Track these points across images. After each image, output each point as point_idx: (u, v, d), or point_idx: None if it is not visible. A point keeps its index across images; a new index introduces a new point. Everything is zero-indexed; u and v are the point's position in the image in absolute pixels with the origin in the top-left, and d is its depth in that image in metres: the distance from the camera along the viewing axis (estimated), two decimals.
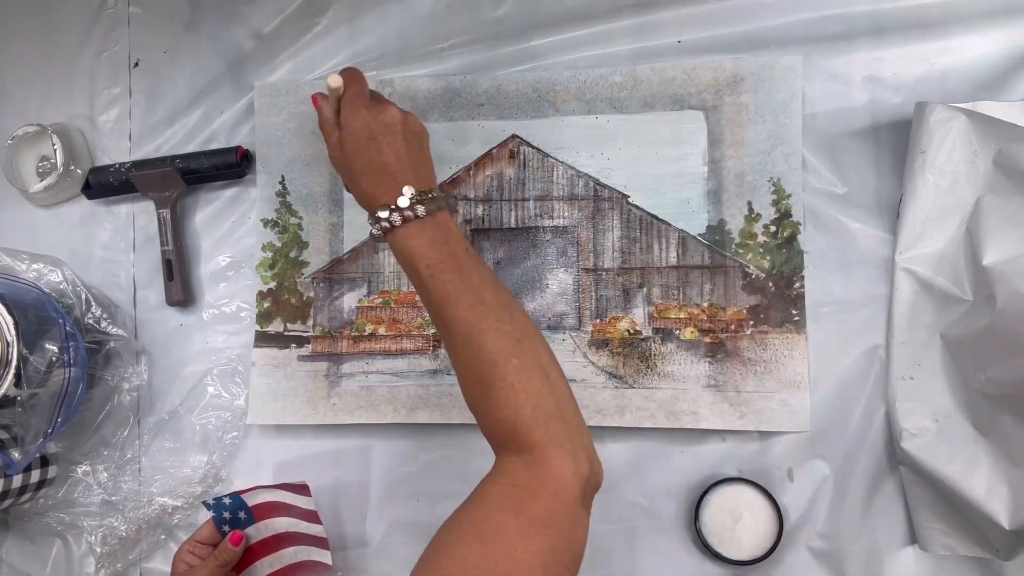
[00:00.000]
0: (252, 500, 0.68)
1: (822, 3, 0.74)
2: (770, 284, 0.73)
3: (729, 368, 0.72)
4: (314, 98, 0.64)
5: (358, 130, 0.59)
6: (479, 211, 0.78)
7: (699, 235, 0.74)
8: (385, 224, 0.57)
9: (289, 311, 0.79)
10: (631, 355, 0.74)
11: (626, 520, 0.74)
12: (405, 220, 0.56)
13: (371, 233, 0.58)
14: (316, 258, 0.80)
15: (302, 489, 0.74)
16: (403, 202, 0.56)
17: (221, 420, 0.80)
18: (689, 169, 0.75)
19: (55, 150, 0.81)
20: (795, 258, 0.72)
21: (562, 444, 0.50)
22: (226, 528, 0.65)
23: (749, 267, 0.73)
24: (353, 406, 0.77)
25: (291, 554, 0.68)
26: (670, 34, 0.76)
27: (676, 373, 0.73)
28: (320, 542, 0.72)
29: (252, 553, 0.67)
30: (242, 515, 0.67)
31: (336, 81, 0.60)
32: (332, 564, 0.72)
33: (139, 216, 0.84)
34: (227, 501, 0.67)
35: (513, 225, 0.77)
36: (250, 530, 0.67)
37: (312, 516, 0.73)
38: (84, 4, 0.86)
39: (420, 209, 0.56)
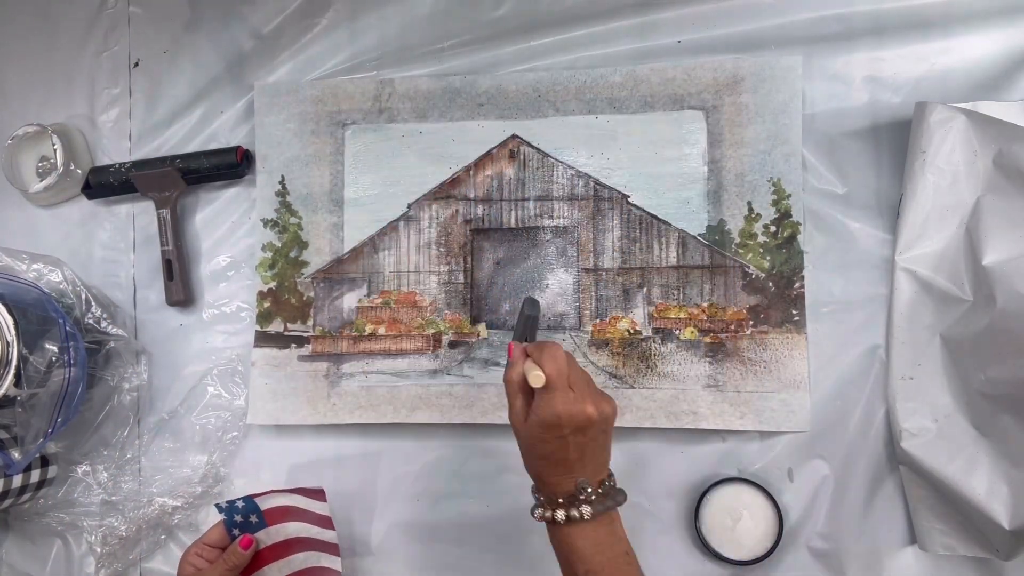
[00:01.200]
0: (265, 504, 0.67)
1: (822, 3, 0.74)
2: (770, 284, 0.73)
3: (729, 368, 0.72)
4: (510, 346, 0.60)
5: (548, 424, 0.55)
6: (479, 211, 0.78)
7: (699, 235, 0.74)
8: (549, 517, 0.56)
9: (289, 311, 0.79)
10: (631, 355, 0.74)
11: (626, 520, 0.74)
12: (570, 520, 0.55)
13: (532, 512, 0.57)
14: (316, 258, 0.80)
15: (318, 494, 0.73)
16: (571, 503, 0.55)
17: (221, 420, 0.80)
18: (689, 169, 0.75)
19: (55, 150, 0.81)
20: (795, 258, 0.72)
21: None
22: (236, 532, 0.65)
23: (749, 267, 0.73)
24: (353, 406, 0.77)
25: (301, 560, 0.68)
26: (670, 34, 0.76)
27: (676, 373, 0.73)
28: (331, 548, 0.71)
29: (261, 557, 0.65)
30: (254, 519, 0.66)
31: (539, 382, 0.55)
32: (340, 571, 0.71)
33: (139, 216, 0.84)
34: (240, 504, 0.66)
35: (513, 225, 0.77)
36: (260, 534, 0.65)
37: (326, 522, 0.72)
38: (84, 4, 0.86)
39: (587, 511, 0.54)
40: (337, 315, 0.79)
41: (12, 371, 0.68)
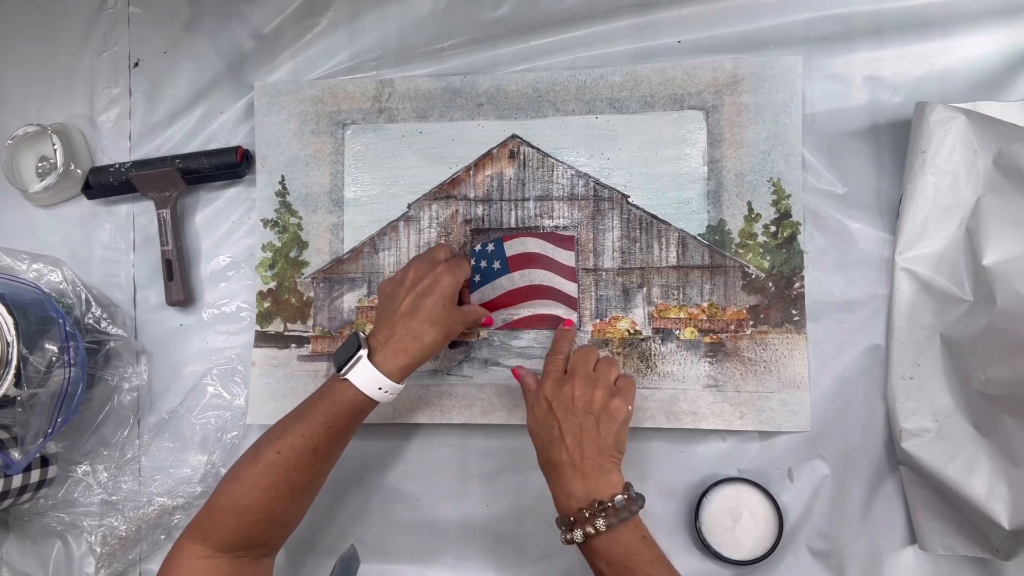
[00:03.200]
0: (512, 250, 0.73)
1: (822, 3, 0.74)
2: (770, 284, 0.73)
3: (729, 368, 0.72)
4: (515, 372, 0.71)
5: (540, 402, 0.64)
6: (479, 211, 0.78)
7: (699, 235, 0.74)
8: (570, 539, 0.58)
9: (289, 311, 0.79)
10: (631, 355, 0.74)
11: None
12: (587, 536, 0.57)
13: (562, 539, 0.60)
14: (316, 258, 0.80)
15: (567, 242, 0.75)
16: (584, 520, 0.58)
17: (221, 420, 0.80)
18: (689, 169, 0.75)
19: (55, 150, 0.81)
20: (795, 258, 0.72)
21: None
22: (477, 278, 0.73)
23: (749, 267, 0.73)
24: None
25: (537, 305, 0.74)
26: (670, 34, 0.76)
27: (676, 373, 0.73)
28: (570, 301, 0.74)
29: (503, 300, 0.74)
30: (497, 265, 0.72)
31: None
32: (576, 323, 0.74)
33: (139, 216, 0.84)
34: (490, 248, 0.72)
35: (513, 225, 0.77)
36: (503, 279, 0.73)
37: (570, 273, 0.75)
38: (84, 4, 0.86)
39: (601, 525, 0.57)
40: (337, 315, 0.79)
41: (12, 371, 0.68)
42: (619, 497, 0.58)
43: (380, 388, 0.62)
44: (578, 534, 0.57)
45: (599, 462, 0.60)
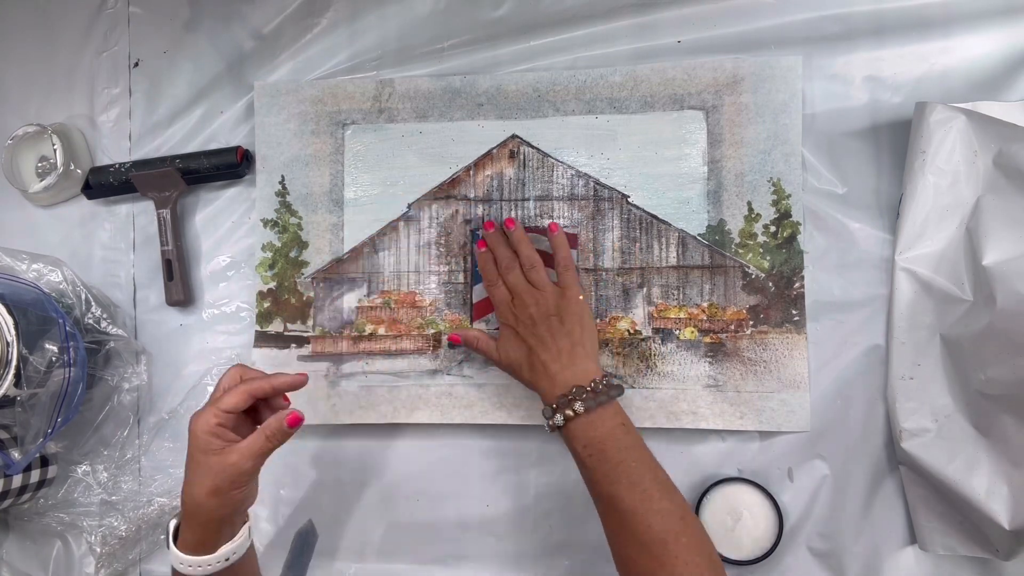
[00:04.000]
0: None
1: (822, 3, 0.74)
2: (770, 284, 0.73)
3: (729, 368, 0.72)
4: (452, 337, 0.73)
5: (504, 332, 0.69)
6: (479, 211, 0.78)
7: (699, 235, 0.74)
8: (552, 424, 0.62)
9: (289, 311, 0.79)
10: (631, 355, 0.74)
11: None
12: (567, 419, 0.61)
13: (546, 425, 0.63)
14: (316, 258, 0.80)
15: (570, 240, 0.75)
16: (564, 404, 0.61)
17: None
18: (689, 169, 0.75)
19: (55, 150, 0.81)
20: (795, 258, 0.72)
21: None
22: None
23: (749, 267, 0.73)
24: (353, 406, 0.77)
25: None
26: (670, 34, 0.76)
27: (676, 373, 0.73)
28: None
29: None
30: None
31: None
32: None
33: (139, 216, 0.84)
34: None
35: None
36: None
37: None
38: (84, 4, 0.86)
39: (579, 407, 0.60)
40: (337, 315, 0.79)
41: (12, 371, 0.68)
42: (594, 381, 0.61)
43: (184, 564, 0.57)
44: (558, 418, 0.61)
45: (572, 354, 0.64)
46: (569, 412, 0.60)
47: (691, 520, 0.57)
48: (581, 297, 0.67)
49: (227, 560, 0.58)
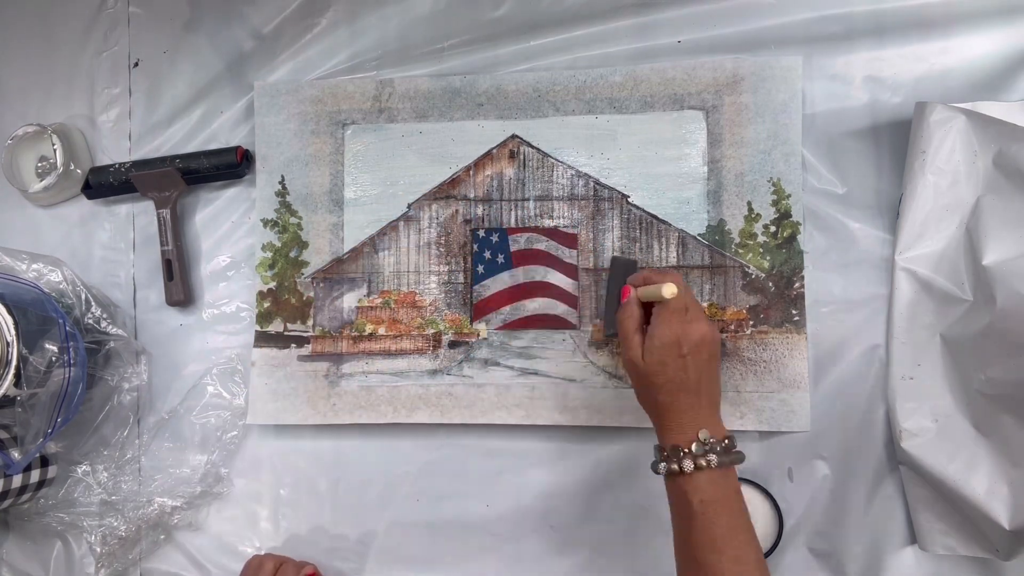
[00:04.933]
0: (515, 245, 0.75)
1: (822, 3, 0.74)
2: (770, 284, 0.73)
3: (729, 368, 0.72)
4: (625, 289, 0.63)
5: (668, 344, 0.57)
6: (479, 211, 0.78)
7: (699, 235, 0.74)
8: (675, 468, 0.56)
9: (289, 311, 0.79)
10: None
11: (626, 520, 0.74)
12: (697, 468, 0.56)
13: (653, 467, 0.58)
14: (316, 258, 0.80)
15: (571, 240, 0.75)
16: (698, 454, 0.56)
17: (221, 420, 0.80)
18: (689, 169, 0.75)
19: (55, 150, 0.81)
20: (795, 258, 0.72)
21: None
22: (481, 269, 0.75)
23: (749, 267, 0.73)
24: (353, 406, 0.77)
25: (537, 304, 0.74)
26: (670, 34, 0.76)
27: None
28: (571, 300, 0.74)
29: (504, 296, 0.75)
30: (501, 259, 0.72)
31: (671, 291, 0.58)
32: (575, 324, 0.74)
33: (139, 216, 0.84)
34: (494, 239, 0.73)
35: (513, 225, 0.77)
36: (505, 275, 0.75)
37: (571, 271, 0.75)
38: (84, 4, 0.86)
39: (713, 460, 0.55)
40: (337, 315, 0.79)
41: (12, 371, 0.68)
42: (728, 439, 0.57)
43: None
44: (688, 464, 0.55)
45: (714, 406, 0.59)
46: (702, 463, 0.55)
47: None
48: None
49: None
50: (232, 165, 0.80)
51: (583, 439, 0.75)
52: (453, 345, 0.77)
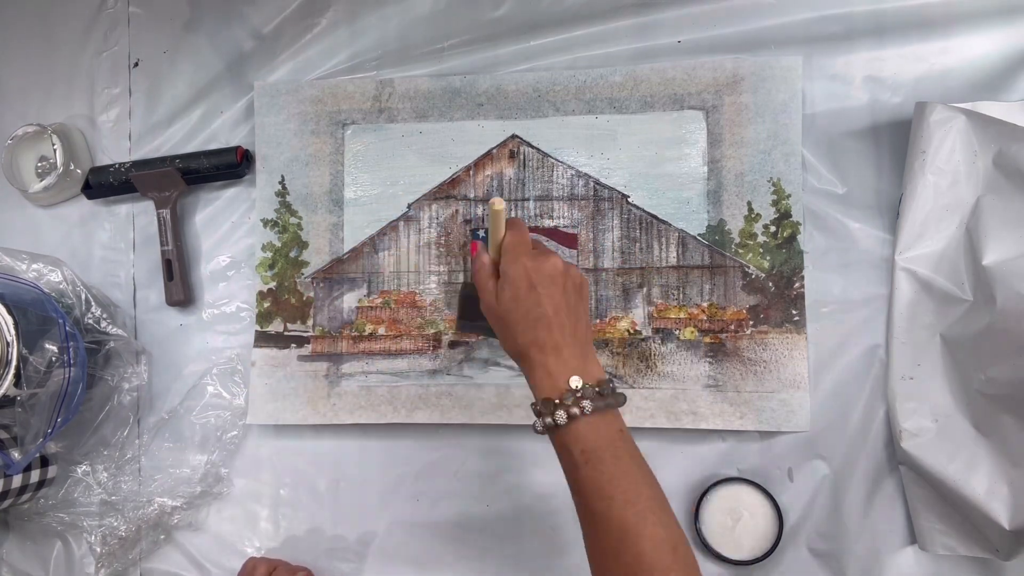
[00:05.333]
0: None
1: (822, 3, 0.74)
2: (770, 284, 0.73)
3: (729, 368, 0.72)
4: (473, 245, 0.62)
5: (518, 278, 0.55)
6: (479, 211, 0.78)
7: (699, 235, 0.74)
8: (549, 422, 0.53)
9: (289, 311, 0.79)
10: (631, 355, 0.74)
11: None
12: (571, 418, 0.52)
13: (533, 427, 0.55)
14: (316, 258, 0.80)
15: (571, 239, 0.74)
16: (570, 403, 0.53)
17: (221, 420, 0.80)
18: (689, 169, 0.75)
19: (55, 150, 0.81)
20: (795, 258, 0.72)
21: None
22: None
23: (749, 267, 0.73)
24: (353, 406, 0.77)
25: None
26: (670, 34, 0.76)
27: (676, 373, 0.73)
28: None
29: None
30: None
31: (500, 203, 0.56)
32: None
33: (139, 216, 0.84)
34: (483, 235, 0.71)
35: None
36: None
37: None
38: (84, 4, 0.86)
39: (587, 405, 0.52)
40: (337, 315, 0.79)
41: (12, 371, 0.68)
42: (601, 381, 0.54)
43: None
44: (561, 415, 0.52)
45: (585, 344, 0.56)
46: (575, 411, 0.52)
47: (683, 552, 0.51)
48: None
49: None
50: (232, 165, 0.80)
51: None
52: (453, 345, 0.77)
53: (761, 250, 0.73)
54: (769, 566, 0.71)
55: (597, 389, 0.53)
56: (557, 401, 0.53)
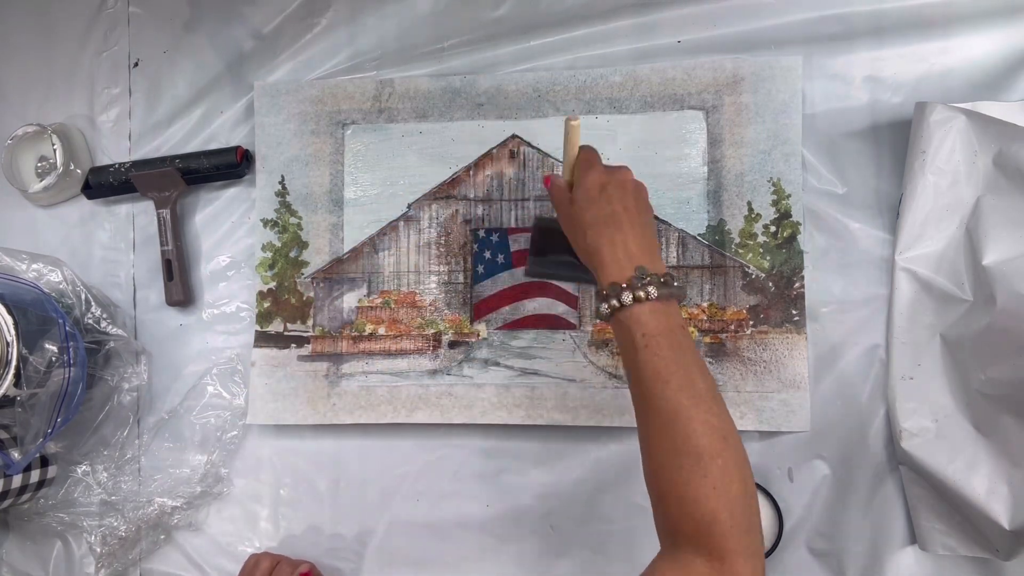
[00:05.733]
0: (516, 245, 0.75)
1: (822, 3, 0.74)
2: (770, 284, 0.73)
3: (729, 368, 0.72)
4: (546, 179, 0.66)
5: (592, 185, 0.60)
6: (479, 211, 0.78)
7: (699, 235, 0.74)
8: (615, 303, 0.55)
9: (289, 311, 0.79)
10: None
11: (626, 520, 0.74)
12: (636, 301, 0.55)
13: (597, 310, 0.57)
14: (316, 258, 0.80)
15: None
16: (636, 286, 0.55)
17: (221, 420, 0.80)
18: (689, 169, 0.75)
19: (55, 150, 0.81)
20: (795, 258, 0.72)
21: (751, 558, 0.49)
22: (480, 269, 0.75)
23: (749, 267, 0.73)
24: (353, 406, 0.77)
25: (537, 304, 0.74)
26: (670, 34, 0.76)
27: None
28: (570, 299, 0.74)
29: (504, 296, 0.74)
30: (500, 259, 0.71)
31: (577, 120, 0.62)
32: (575, 324, 0.75)
33: (139, 216, 0.84)
34: (495, 239, 0.73)
35: (513, 225, 0.77)
36: (505, 274, 0.75)
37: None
38: (84, 4, 0.86)
39: (652, 291, 0.55)
40: (337, 315, 0.79)
41: (12, 371, 0.68)
42: (667, 273, 0.57)
43: None
44: (627, 296, 0.55)
45: (651, 242, 0.59)
46: (641, 294, 0.54)
47: (734, 442, 0.51)
48: None
49: None
50: (232, 165, 0.80)
51: (583, 439, 0.75)
52: (453, 345, 0.77)
53: (761, 250, 0.73)
54: (769, 566, 0.71)
55: (662, 279, 0.56)
56: (624, 285, 0.55)
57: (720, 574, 0.49)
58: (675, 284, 0.56)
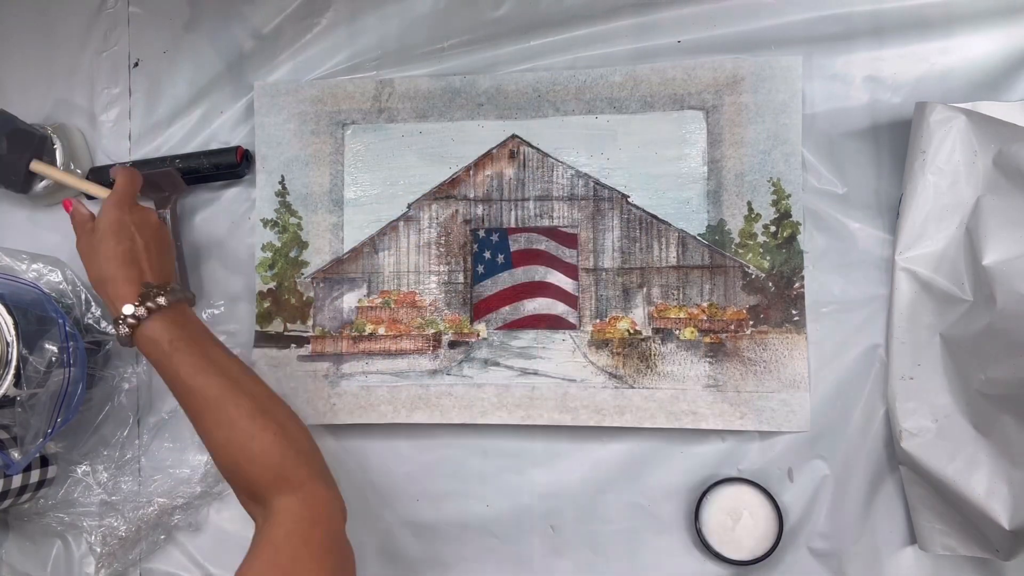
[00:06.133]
0: (516, 245, 0.75)
1: (822, 3, 0.74)
2: (770, 284, 0.73)
3: (729, 368, 0.72)
4: (66, 203, 0.72)
5: (113, 221, 0.66)
6: (479, 211, 0.78)
7: (699, 235, 0.74)
8: (132, 321, 0.62)
9: (289, 311, 0.79)
10: (631, 355, 0.74)
11: (626, 520, 0.74)
12: (149, 312, 0.62)
13: (118, 336, 0.63)
14: (316, 258, 0.80)
15: (571, 240, 0.75)
16: (145, 299, 0.62)
17: None
18: (689, 169, 0.75)
19: (55, 150, 0.81)
20: (795, 258, 0.72)
21: (324, 479, 0.60)
22: (481, 269, 0.73)
23: (749, 267, 0.73)
24: (353, 406, 0.77)
25: (537, 304, 0.75)
26: (670, 34, 0.76)
27: (676, 373, 0.73)
28: (571, 300, 0.74)
29: (504, 296, 0.74)
30: (500, 259, 0.72)
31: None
32: (576, 324, 0.75)
33: None
34: (495, 239, 0.73)
35: (513, 225, 0.77)
36: (505, 275, 0.75)
37: (571, 271, 0.75)
38: (84, 4, 0.86)
39: (162, 300, 0.62)
40: (337, 315, 0.79)
41: (12, 371, 0.68)
42: (168, 284, 0.65)
43: None
44: (141, 311, 0.62)
45: (167, 272, 0.67)
46: (151, 304, 0.62)
47: (274, 401, 0.63)
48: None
49: None
50: (232, 165, 0.80)
51: (583, 439, 0.75)
52: (453, 345, 0.77)
53: (761, 250, 0.73)
54: (769, 566, 0.71)
55: (168, 288, 0.64)
56: (137, 302, 0.62)
57: (306, 500, 0.57)
58: (180, 290, 0.65)
